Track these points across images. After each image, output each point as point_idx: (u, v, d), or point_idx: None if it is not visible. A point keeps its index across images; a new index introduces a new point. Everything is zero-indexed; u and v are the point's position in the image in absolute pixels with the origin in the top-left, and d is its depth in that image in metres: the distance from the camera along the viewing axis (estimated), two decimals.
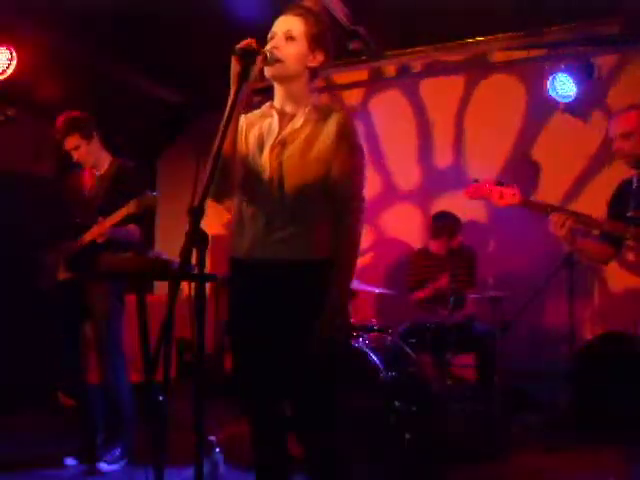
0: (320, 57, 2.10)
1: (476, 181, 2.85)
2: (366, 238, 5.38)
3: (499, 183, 2.78)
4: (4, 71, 4.13)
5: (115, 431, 3.44)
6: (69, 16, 4.24)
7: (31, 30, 4.28)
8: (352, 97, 5.68)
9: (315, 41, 2.08)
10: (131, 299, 3.43)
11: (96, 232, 3.31)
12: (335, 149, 2.05)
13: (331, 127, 2.06)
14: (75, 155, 3.53)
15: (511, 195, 2.74)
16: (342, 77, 5.56)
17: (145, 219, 3.46)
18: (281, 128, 2.10)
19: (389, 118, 5.57)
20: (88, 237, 3.35)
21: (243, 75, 1.87)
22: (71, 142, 3.50)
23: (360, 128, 2.17)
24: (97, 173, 3.59)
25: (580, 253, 2.93)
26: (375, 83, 5.65)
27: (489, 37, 4.82)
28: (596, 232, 2.84)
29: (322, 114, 2.09)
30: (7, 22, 4.11)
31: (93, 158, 3.56)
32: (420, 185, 5.47)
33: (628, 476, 3.23)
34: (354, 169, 2.09)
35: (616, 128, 2.82)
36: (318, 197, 2.05)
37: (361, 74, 5.60)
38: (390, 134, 5.55)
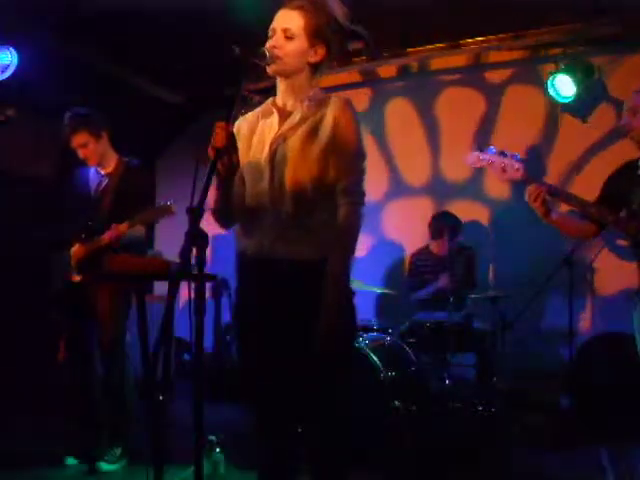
0: (321, 52, 2.08)
1: (479, 149, 2.66)
2: (367, 237, 5.39)
3: (502, 153, 2.61)
4: (4, 71, 4.13)
5: (116, 431, 3.44)
6: (69, 16, 4.25)
7: (31, 30, 4.28)
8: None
9: (315, 36, 2.05)
10: None
11: (110, 238, 3.28)
12: (333, 143, 2.03)
13: (329, 120, 2.04)
14: (82, 152, 3.48)
15: (514, 169, 2.58)
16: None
17: None
18: (280, 125, 2.09)
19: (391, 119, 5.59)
20: (102, 242, 3.31)
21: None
22: (79, 139, 3.44)
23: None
24: (103, 172, 3.56)
25: (558, 227, 2.83)
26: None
27: (488, 37, 4.82)
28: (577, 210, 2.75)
29: (320, 107, 2.07)
30: (7, 22, 4.11)
31: (99, 156, 3.51)
32: (420, 185, 5.48)
33: (627, 476, 3.23)
34: (353, 163, 2.06)
35: (627, 103, 2.77)
36: (321, 193, 2.03)
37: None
38: (394, 133, 5.57)
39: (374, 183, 5.45)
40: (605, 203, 2.73)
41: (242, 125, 2.17)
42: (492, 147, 2.66)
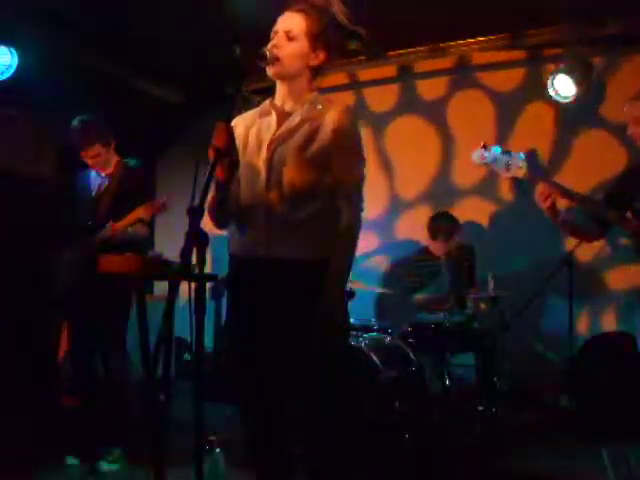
0: (322, 55, 2.09)
1: (484, 147, 2.70)
2: (367, 238, 5.39)
3: (507, 152, 2.66)
4: (4, 71, 4.13)
5: (115, 431, 3.44)
6: (69, 16, 4.25)
7: (31, 30, 4.28)
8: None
9: (317, 40, 2.06)
10: None
11: (106, 236, 3.34)
12: (334, 148, 2.04)
13: (329, 125, 2.05)
14: (92, 162, 3.52)
15: (517, 167, 2.63)
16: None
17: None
18: (278, 127, 2.10)
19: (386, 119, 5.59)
20: (99, 240, 3.36)
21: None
22: (93, 151, 3.47)
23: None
24: (103, 173, 3.58)
25: (564, 228, 2.85)
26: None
27: (488, 37, 4.82)
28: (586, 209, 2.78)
29: (321, 112, 2.08)
30: (7, 22, 4.11)
31: (104, 161, 3.56)
32: (420, 186, 5.48)
33: (628, 476, 3.23)
34: (353, 168, 2.08)
35: (631, 112, 2.76)
36: (317, 196, 2.05)
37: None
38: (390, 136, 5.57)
39: (376, 187, 5.46)
40: (611, 202, 2.75)
41: (238, 123, 2.18)
42: (497, 146, 2.69)
